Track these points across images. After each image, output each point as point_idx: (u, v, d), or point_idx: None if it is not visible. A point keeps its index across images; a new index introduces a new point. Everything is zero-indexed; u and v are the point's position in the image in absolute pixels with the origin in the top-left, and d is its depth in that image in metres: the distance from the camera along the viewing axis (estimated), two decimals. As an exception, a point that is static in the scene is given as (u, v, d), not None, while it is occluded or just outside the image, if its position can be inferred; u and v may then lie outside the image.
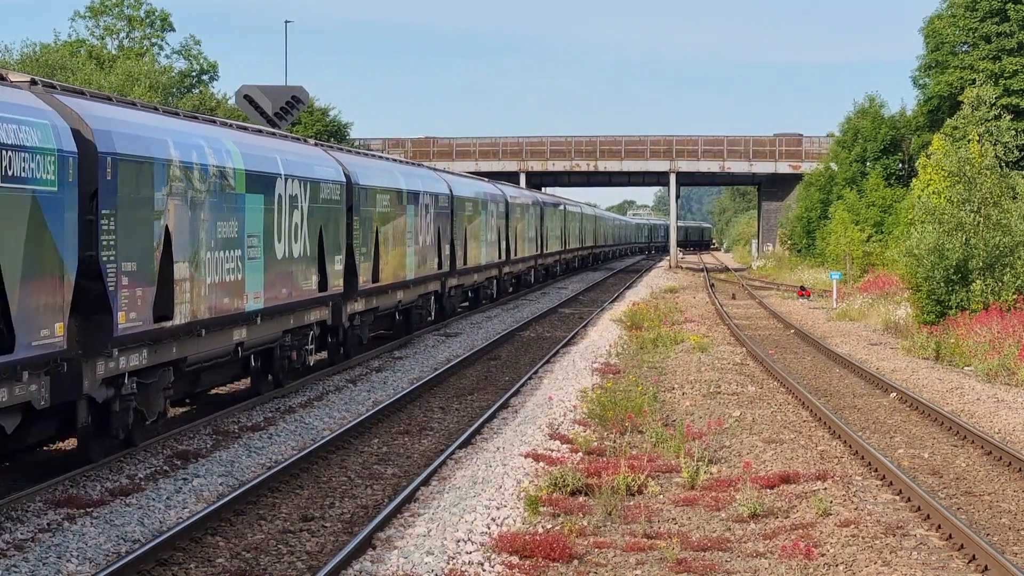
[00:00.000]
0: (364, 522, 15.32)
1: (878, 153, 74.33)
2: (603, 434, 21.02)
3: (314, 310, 26.50)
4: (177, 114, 21.54)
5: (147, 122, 19.20)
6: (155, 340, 18.62)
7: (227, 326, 21.53)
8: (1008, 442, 20.98)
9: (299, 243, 25.08)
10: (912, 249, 36.43)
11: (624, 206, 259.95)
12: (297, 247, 24.94)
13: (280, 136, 27.19)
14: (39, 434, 17.28)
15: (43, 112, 15.97)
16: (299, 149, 26.97)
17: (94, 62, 77.38)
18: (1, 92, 15.41)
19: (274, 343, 24.35)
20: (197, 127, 21.45)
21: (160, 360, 18.92)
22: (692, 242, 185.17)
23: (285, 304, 24.32)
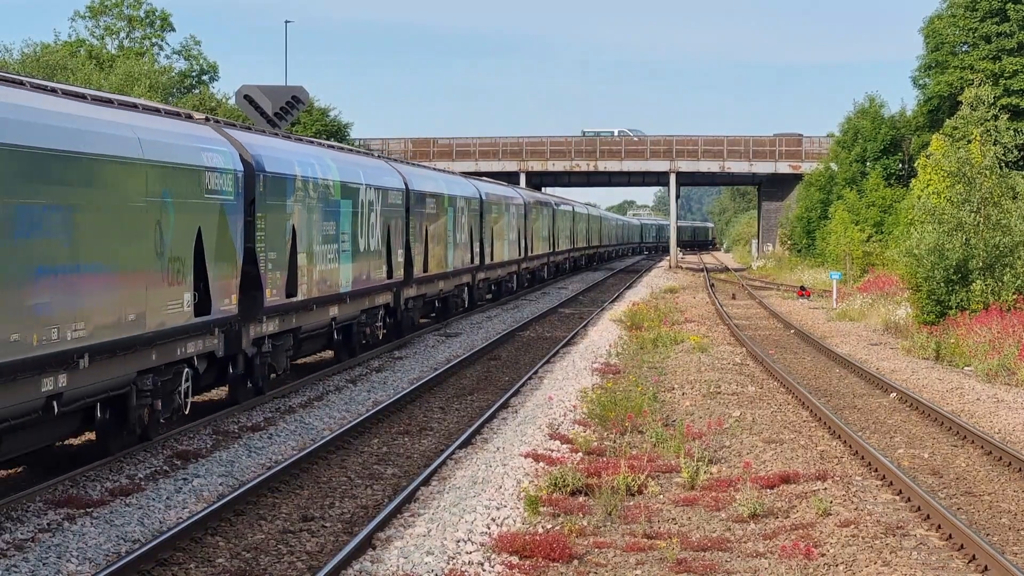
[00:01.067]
0: (364, 522, 15.32)
1: (878, 153, 74.33)
2: (603, 434, 21.02)
3: (382, 294, 32.61)
4: (300, 140, 29.02)
5: (283, 147, 25.69)
6: (285, 312, 24.57)
7: (327, 304, 27.37)
8: (1008, 442, 20.98)
9: (374, 239, 30.85)
10: (912, 249, 36.43)
11: (624, 206, 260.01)
12: (372, 242, 30.70)
13: (360, 153, 35.66)
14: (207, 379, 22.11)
15: (222, 142, 22.04)
16: (373, 163, 33.80)
17: (94, 62, 77.39)
18: (199, 129, 21.54)
19: (354, 320, 29.94)
20: (310, 148, 28.25)
21: (286, 328, 24.85)
22: (692, 242, 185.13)
23: (364, 288, 30.19)
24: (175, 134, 20.16)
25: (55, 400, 15.97)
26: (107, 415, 18.11)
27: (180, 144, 20.01)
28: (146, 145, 18.46)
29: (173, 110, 21.97)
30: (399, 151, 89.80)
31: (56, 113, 16.19)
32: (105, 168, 17.10)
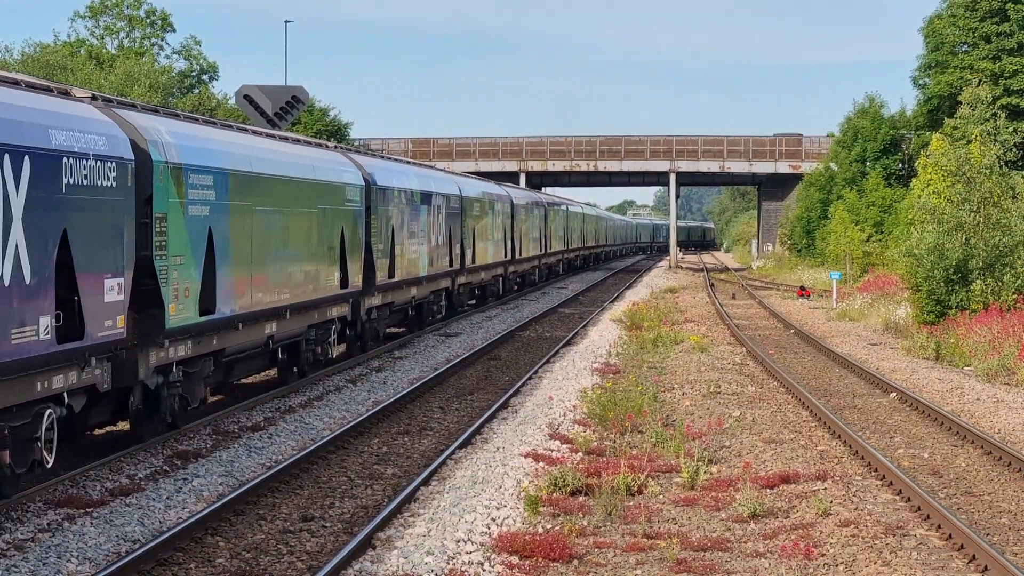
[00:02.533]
0: (364, 522, 15.32)
1: (878, 153, 74.35)
2: (603, 434, 21.02)
3: (445, 279, 40.72)
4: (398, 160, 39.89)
5: (384, 164, 35.16)
6: (387, 289, 32.94)
7: (411, 285, 35.75)
8: (1008, 442, 20.98)
9: (442, 235, 39.56)
10: (912, 249, 36.43)
11: (624, 206, 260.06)
12: (441, 237, 39.30)
13: (427, 167, 44.72)
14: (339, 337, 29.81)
15: (351, 165, 30.37)
16: (438, 175, 43.26)
17: (93, 62, 77.40)
18: (337, 155, 30.08)
19: (425, 300, 37.96)
20: (401, 166, 38.24)
21: (386, 302, 33.07)
22: (693, 242, 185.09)
23: (436, 273, 38.67)
24: (326, 159, 28.61)
25: (271, 339, 23.84)
26: (284, 356, 25.82)
27: (329, 167, 28.18)
28: (315, 170, 26.77)
29: (319, 142, 31.87)
30: (399, 151, 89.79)
31: (267, 150, 24.18)
32: (296, 186, 25.11)
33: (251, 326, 22.55)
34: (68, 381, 16.15)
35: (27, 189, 14.93)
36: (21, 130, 14.96)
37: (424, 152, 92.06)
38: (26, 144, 14.97)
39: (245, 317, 22.04)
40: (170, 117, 20.47)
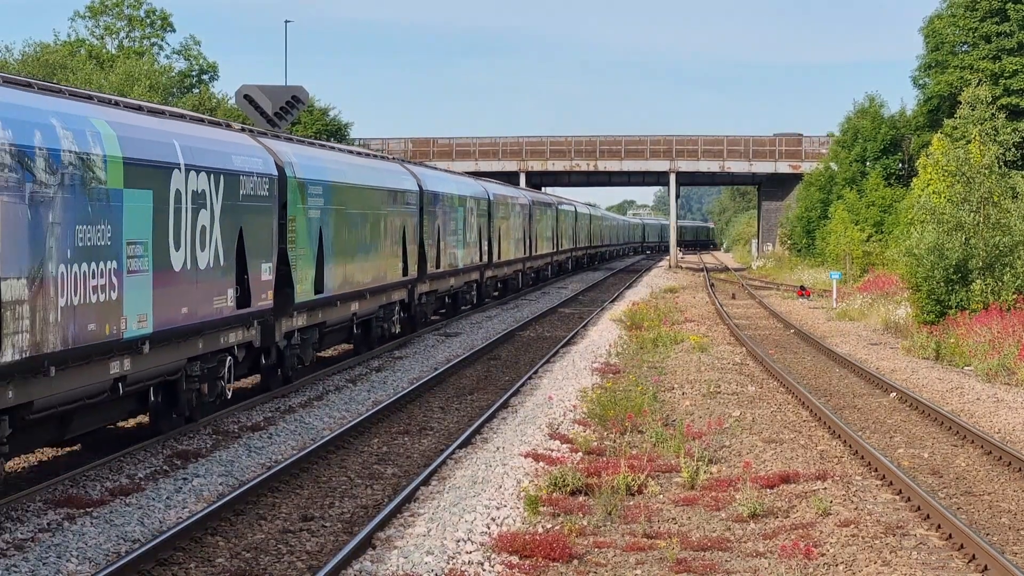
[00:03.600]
0: (364, 522, 15.32)
1: (878, 153, 74.33)
2: (603, 434, 21.02)
3: (476, 272, 47.01)
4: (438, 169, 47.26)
5: (433, 173, 41.70)
6: (434, 278, 38.83)
7: (451, 276, 41.88)
8: (1008, 442, 20.98)
9: (474, 234, 45.66)
10: (912, 249, 36.43)
11: (624, 206, 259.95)
12: (473, 236, 45.37)
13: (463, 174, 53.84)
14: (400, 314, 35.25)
15: (408, 173, 36.21)
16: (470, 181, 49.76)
17: (93, 62, 77.39)
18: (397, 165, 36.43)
19: (460, 290, 44.41)
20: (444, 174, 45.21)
21: (435, 288, 39.24)
22: (693, 242, 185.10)
23: (469, 267, 44.88)
24: (391, 170, 34.86)
25: (354, 316, 29.56)
26: (359, 331, 30.93)
27: (394, 177, 34.33)
28: (384, 179, 32.90)
29: (384, 156, 40.02)
30: (399, 151, 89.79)
31: (352, 164, 30.66)
32: (373, 192, 31.27)
33: (344, 305, 28.74)
34: (238, 337, 22.13)
35: (221, 200, 20.75)
36: (219, 158, 20.95)
37: (424, 152, 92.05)
38: (221, 167, 20.87)
39: (341, 297, 28.26)
40: (294, 142, 27.53)
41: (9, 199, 14.42)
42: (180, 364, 19.66)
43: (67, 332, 15.64)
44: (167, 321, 18.56)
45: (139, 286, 17.69)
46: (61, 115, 16.12)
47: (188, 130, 20.33)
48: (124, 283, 17.20)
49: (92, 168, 16.44)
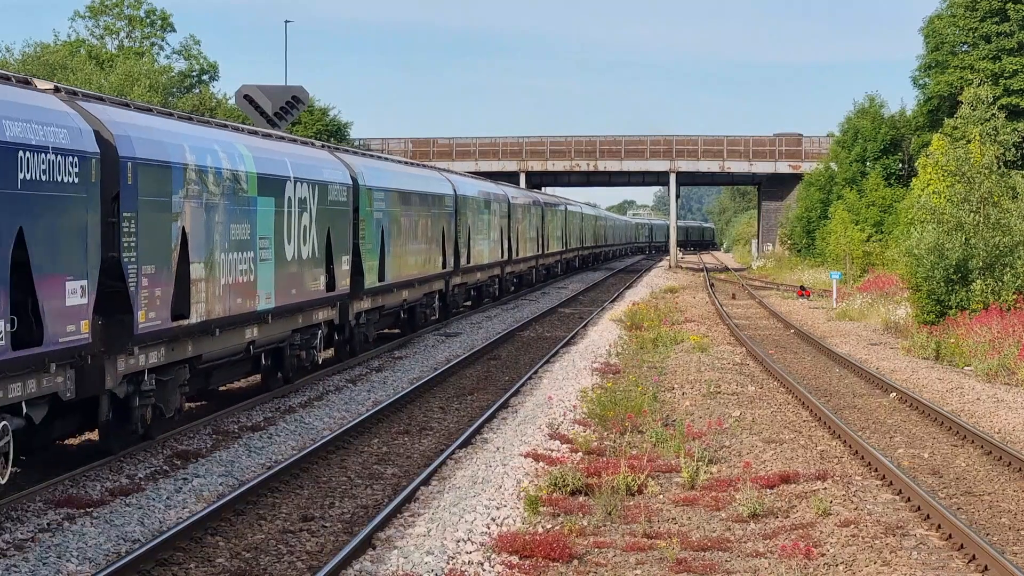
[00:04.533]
0: (364, 522, 15.32)
1: (878, 153, 74.33)
2: (603, 434, 21.02)
3: (497, 268, 51.87)
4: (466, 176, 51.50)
5: (463, 180, 46.38)
6: (464, 272, 43.50)
7: (478, 271, 46.73)
8: (1008, 442, 20.99)
9: (496, 233, 50.69)
10: (912, 249, 36.43)
11: (624, 206, 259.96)
12: (496, 234, 50.55)
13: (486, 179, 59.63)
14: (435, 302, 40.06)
15: (445, 180, 41.21)
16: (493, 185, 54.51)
17: (93, 62, 77.38)
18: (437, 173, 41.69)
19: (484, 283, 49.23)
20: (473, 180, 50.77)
21: (464, 281, 43.77)
22: (693, 242, 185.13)
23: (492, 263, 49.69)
24: (431, 177, 40.71)
25: (405, 302, 34.90)
26: (404, 316, 36.27)
27: (434, 183, 40.06)
28: (428, 185, 38.69)
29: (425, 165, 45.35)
30: (399, 151, 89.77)
31: (404, 172, 36.72)
32: (420, 197, 36.84)
33: (398, 292, 33.92)
34: (326, 315, 27.58)
35: (316, 204, 26.02)
36: (315, 172, 26.41)
37: (424, 152, 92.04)
38: (315, 178, 26.25)
39: (395, 285, 33.43)
40: (361, 156, 33.98)
41: (195, 205, 19.79)
42: (287, 334, 24.79)
43: (225, 304, 21.03)
44: (283, 299, 24.02)
45: (266, 271, 23.05)
46: (220, 142, 21.64)
47: (293, 150, 26.37)
48: (258, 269, 22.66)
49: (239, 181, 21.82)
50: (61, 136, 15.96)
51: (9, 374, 14.94)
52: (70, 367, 16.36)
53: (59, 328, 15.66)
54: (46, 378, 15.83)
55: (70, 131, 16.25)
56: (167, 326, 18.74)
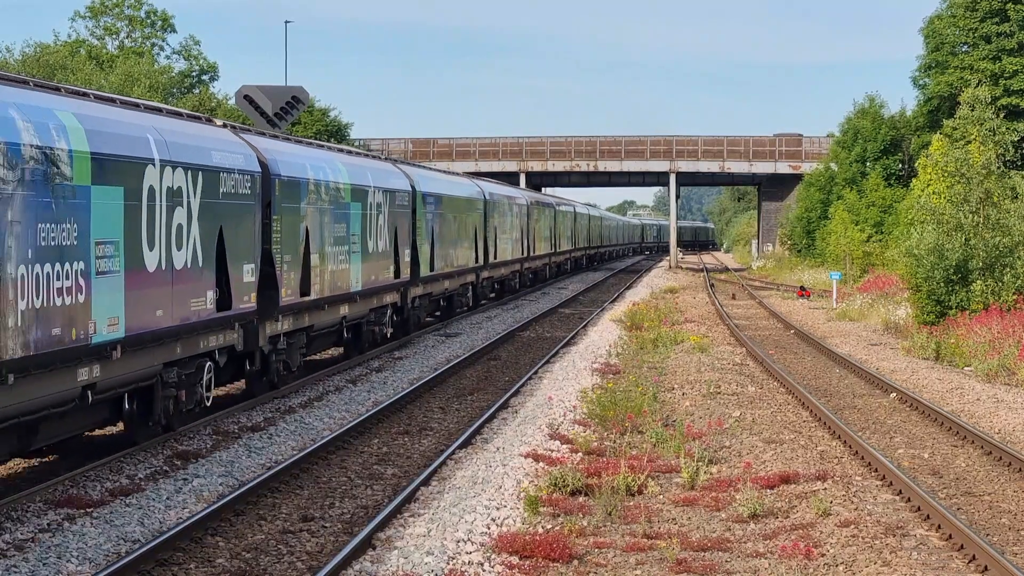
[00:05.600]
0: (364, 522, 15.32)
1: (878, 153, 74.32)
2: (603, 434, 21.02)
3: (516, 264, 57.59)
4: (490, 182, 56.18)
5: (490, 186, 52.42)
6: (492, 267, 49.90)
7: (503, 266, 53.61)
8: (1008, 442, 20.98)
9: (518, 232, 57.15)
10: (912, 249, 36.42)
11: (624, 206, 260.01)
12: (517, 233, 56.95)
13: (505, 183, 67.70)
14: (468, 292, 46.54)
15: (477, 186, 48.84)
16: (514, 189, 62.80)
17: (93, 62, 77.37)
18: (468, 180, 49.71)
19: (507, 277, 55.92)
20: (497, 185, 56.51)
21: (491, 275, 50.45)
22: (693, 242, 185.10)
23: (512, 259, 55.64)
24: (464, 183, 47.16)
25: (446, 291, 40.88)
26: (444, 303, 42.60)
27: (467, 189, 46.43)
28: (463, 191, 44.71)
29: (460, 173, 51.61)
30: (399, 151, 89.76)
31: (447, 180, 43.44)
32: (458, 200, 42.84)
33: (442, 282, 39.96)
34: (392, 298, 33.61)
35: (388, 207, 32.26)
36: (386, 181, 32.66)
37: (424, 152, 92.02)
38: (387, 186, 32.54)
39: (441, 275, 39.54)
40: (417, 167, 41.69)
41: (313, 210, 25.86)
42: (366, 312, 30.90)
43: (331, 286, 27.10)
44: (367, 283, 30.16)
45: (356, 261, 29.25)
46: (327, 160, 27.99)
47: (371, 164, 33.12)
48: (351, 260, 28.77)
49: (340, 191, 27.82)
50: (239, 160, 21.93)
51: (213, 329, 21.00)
52: (242, 327, 22.31)
53: (240, 298, 21.78)
54: (230, 334, 21.91)
55: (244, 156, 22.29)
56: (297, 301, 24.94)
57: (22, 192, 14.87)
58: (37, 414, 15.80)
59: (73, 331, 15.90)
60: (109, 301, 16.91)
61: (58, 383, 15.90)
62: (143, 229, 17.93)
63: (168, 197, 18.78)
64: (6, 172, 14.63)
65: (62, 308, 15.71)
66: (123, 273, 17.34)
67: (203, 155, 20.27)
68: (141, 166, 17.93)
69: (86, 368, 16.53)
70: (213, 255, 20.59)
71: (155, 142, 18.49)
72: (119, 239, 17.18)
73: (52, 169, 15.53)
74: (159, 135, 18.78)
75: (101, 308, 16.66)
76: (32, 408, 15.56)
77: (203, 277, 20.21)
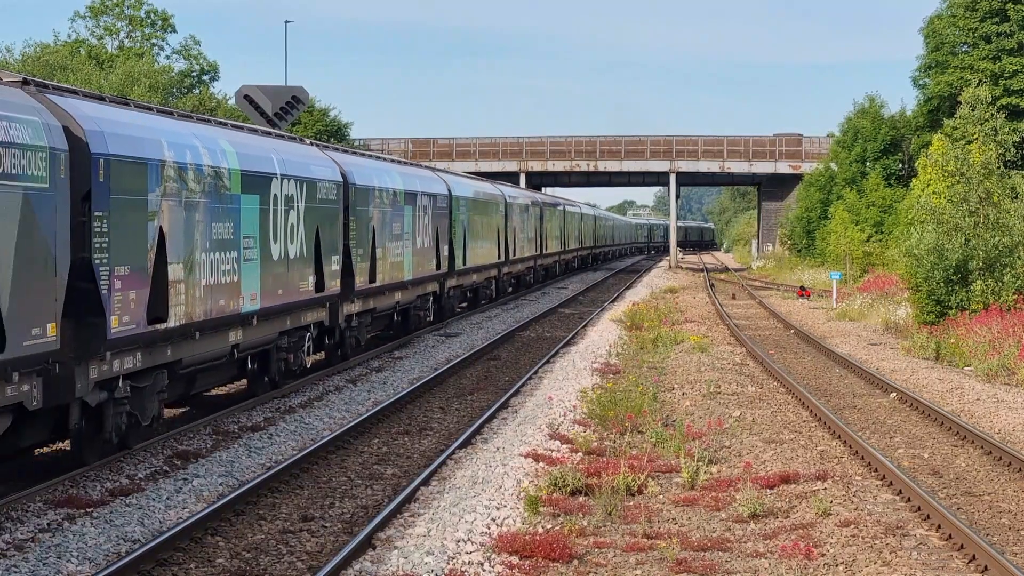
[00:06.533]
0: (364, 522, 15.32)
1: (878, 153, 74.32)
2: (603, 434, 21.02)
3: (531, 261, 61.96)
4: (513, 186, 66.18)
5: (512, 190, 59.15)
6: (511, 263, 54.85)
7: (520, 263, 57.70)
8: (1008, 442, 20.98)
9: (532, 232, 62.07)
10: (912, 249, 36.42)
11: (624, 206, 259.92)
12: (531, 233, 61.53)
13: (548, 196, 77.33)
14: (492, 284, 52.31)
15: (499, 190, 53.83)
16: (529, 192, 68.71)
17: (93, 62, 77.36)
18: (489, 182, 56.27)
19: (523, 272, 60.06)
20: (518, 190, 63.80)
21: (510, 271, 55.44)
22: (693, 242, 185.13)
23: (526, 256, 60.11)
24: (488, 187, 50.95)
25: (474, 283, 46.31)
26: (470, 295, 47.14)
27: (492, 192, 50.81)
28: (487, 195, 48.69)
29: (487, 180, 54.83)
30: (399, 151, 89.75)
31: (475, 184, 49.05)
32: (484, 203, 47.64)
33: (470, 275, 44.21)
34: (433, 287, 38.94)
35: (432, 209, 36.69)
36: (429, 187, 37.64)
37: (424, 152, 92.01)
38: (430, 191, 37.62)
39: (470, 270, 43.90)
40: (452, 175, 46.62)
41: (377, 212, 31.20)
42: (413, 299, 36.05)
43: (389, 275, 32.51)
44: (418, 273, 35.99)
45: (407, 256, 34.51)
46: (385, 169, 33.75)
47: (418, 172, 38.28)
48: (404, 253, 34.15)
49: (396, 197, 32.66)
50: (329, 172, 27.36)
51: (312, 307, 26.08)
52: (328, 307, 27.25)
53: (329, 284, 26.84)
54: (321, 311, 26.91)
55: (331, 169, 27.74)
56: (366, 287, 30.10)
57: (204, 200, 20.06)
58: (203, 364, 20.75)
59: (230, 303, 21.17)
60: (251, 281, 22.24)
61: (220, 342, 21.14)
62: (270, 227, 23.21)
63: (285, 202, 24.08)
64: (195, 185, 19.74)
65: (224, 285, 20.99)
66: (259, 260, 22.65)
67: (306, 169, 25.64)
68: (269, 179, 23.23)
69: (235, 331, 21.78)
70: (313, 248, 25.73)
71: (276, 160, 23.91)
72: (256, 234, 22.49)
73: (220, 183, 20.79)
74: (277, 154, 24.17)
75: (246, 286, 22.04)
76: (202, 359, 20.52)
77: (307, 265, 25.41)
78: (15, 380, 15.03)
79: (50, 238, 15.61)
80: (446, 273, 40.00)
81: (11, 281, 14.65)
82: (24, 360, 15.08)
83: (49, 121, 15.80)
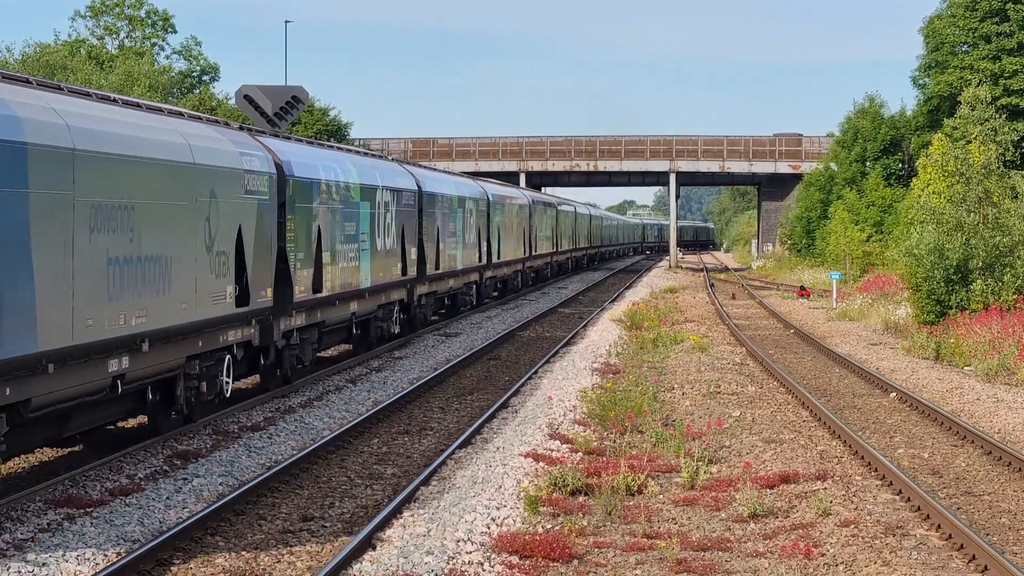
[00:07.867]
0: (364, 522, 15.32)
1: (878, 153, 74.30)
2: (603, 434, 21.01)
3: (548, 256, 69.78)
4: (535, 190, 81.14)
5: (534, 194, 70.10)
6: (532, 259, 63.27)
7: (540, 258, 66.59)
8: (1008, 442, 20.98)
9: (549, 230, 69.07)
10: (912, 249, 36.42)
11: (624, 206, 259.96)
12: (548, 231, 68.78)
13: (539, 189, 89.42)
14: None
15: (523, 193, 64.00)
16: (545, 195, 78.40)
17: (93, 62, 77.35)
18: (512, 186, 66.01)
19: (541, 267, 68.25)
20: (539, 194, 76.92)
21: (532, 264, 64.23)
22: (692, 242, 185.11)
23: (544, 253, 67.32)
24: (514, 190, 59.92)
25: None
26: (500, 285, 55.08)
27: (517, 195, 58.12)
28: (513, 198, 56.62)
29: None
30: (399, 151, 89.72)
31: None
32: (511, 205, 55.31)
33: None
34: (476, 278, 46.58)
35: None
36: (476, 192, 46.78)
37: (424, 152, 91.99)
38: (475, 195, 46.23)
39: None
40: (488, 180, 54.33)
41: (440, 215, 38.22)
42: (461, 287, 43.90)
43: (452, 263, 40.87)
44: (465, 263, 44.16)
45: (459, 249, 42.10)
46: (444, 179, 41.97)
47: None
48: (458, 247, 41.24)
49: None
50: (408, 182, 34.93)
51: (399, 288, 33.84)
52: (406, 288, 34.70)
53: (407, 269, 34.05)
54: (402, 291, 34.45)
55: (410, 179, 35.26)
56: (435, 272, 37.64)
57: (340, 206, 27.76)
58: (334, 326, 28.48)
59: (353, 281, 28.79)
60: (366, 267, 29.93)
61: (344, 311, 28.83)
62: (376, 226, 30.83)
63: (384, 207, 31.64)
64: (335, 195, 27.37)
65: (349, 268, 28.53)
66: (370, 251, 30.23)
67: (395, 180, 33.22)
68: (375, 189, 30.95)
69: (355, 303, 29.51)
70: (400, 242, 33.29)
71: (379, 174, 31.84)
72: (368, 232, 30.14)
73: (348, 194, 28.44)
74: (376, 169, 31.98)
75: (363, 270, 29.74)
76: (334, 322, 28.24)
77: (396, 256, 32.99)
78: (252, 324, 22.62)
79: (269, 233, 23.05)
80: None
81: (253, 259, 21.95)
82: (256, 312, 22.49)
83: (267, 155, 23.38)
